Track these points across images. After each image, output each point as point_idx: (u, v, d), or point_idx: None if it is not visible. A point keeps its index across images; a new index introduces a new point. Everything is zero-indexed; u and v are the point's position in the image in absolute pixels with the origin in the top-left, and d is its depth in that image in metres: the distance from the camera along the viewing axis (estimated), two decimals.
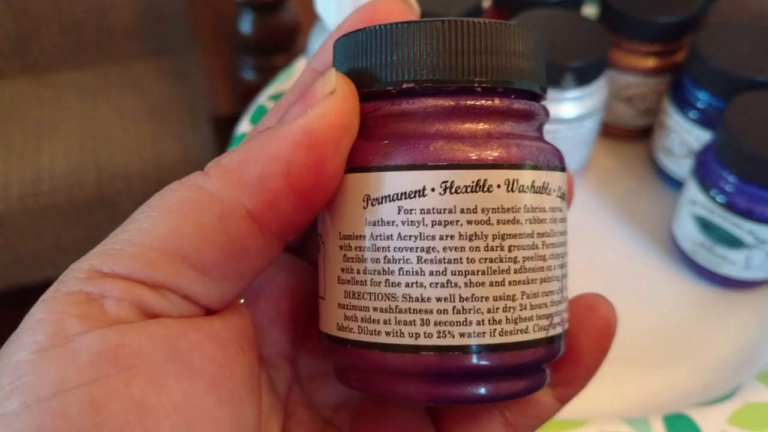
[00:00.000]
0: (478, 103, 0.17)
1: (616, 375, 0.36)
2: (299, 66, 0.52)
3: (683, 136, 0.42)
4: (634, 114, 0.46)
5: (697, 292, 0.40)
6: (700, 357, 0.37)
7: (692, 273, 0.40)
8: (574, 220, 0.43)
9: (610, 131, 0.48)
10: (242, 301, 0.19)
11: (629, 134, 0.48)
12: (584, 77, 0.40)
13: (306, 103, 0.16)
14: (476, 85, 0.16)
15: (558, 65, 0.39)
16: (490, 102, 0.17)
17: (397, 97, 0.17)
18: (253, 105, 0.49)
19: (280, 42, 0.78)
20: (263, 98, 0.49)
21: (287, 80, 0.51)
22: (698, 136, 0.41)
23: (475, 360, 0.16)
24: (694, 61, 0.40)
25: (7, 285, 0.88)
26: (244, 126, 0.47)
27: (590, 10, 0.52)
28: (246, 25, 0.75)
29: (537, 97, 0.18)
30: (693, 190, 0.38)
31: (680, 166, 0.43)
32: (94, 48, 0.92)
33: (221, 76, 0.93)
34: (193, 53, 0.95)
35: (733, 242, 0.37)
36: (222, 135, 0.87)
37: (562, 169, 0.18)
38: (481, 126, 0.17)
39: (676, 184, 0.44)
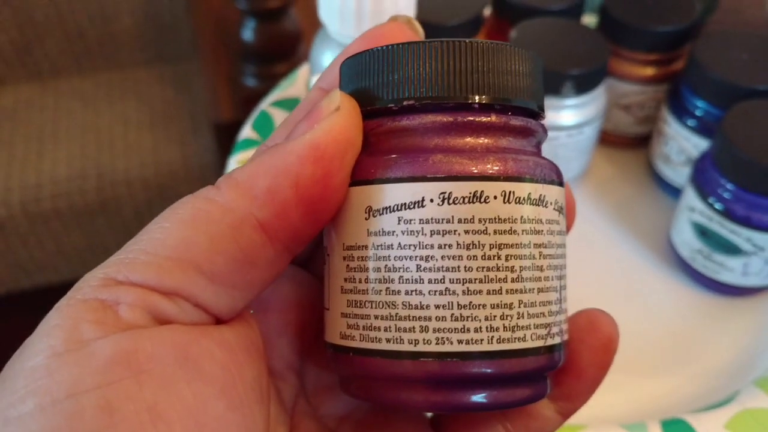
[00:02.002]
0: (475, 119, 0.17)
1: (615, 380, 0.36)
2: (301, 73, 0.52)
3: (681, 144, 0.42)
4: (633, 122, 0.47)
5: (695, 299, 0.40)
6: (698, 363, 0.37)
7: (690, 280, 0.41)
8: (573, 227, 0.44)
9: (609, 139, 0.48)
10: (252, 311, 0.19)
11: (628, 142, 0.48)
12: (583, 85, 0.40)
13: (312, 119, 0.17)
14: (473, 101, 0.17)
15: (558, 73, 0.39)
16: (487, 118, 0.17)
17: (398, 113, 0.17)
18: (255, 111, 0.49)
19: (282, 50, 0.79)
20: (265, 104, 0.50)
21: (289, 87, 0.51)
22: (696, 144, 0.41)
23: (473, 366, 0.16)
24: (693, 70, 0.41)
25: (8, 290, 0.88)
26: (246, 132, 0.48)
27: (590, 19, 0.52)
28: (248, 32, 0.76)
29: (535, 115, 0.18)
30: (691, 198, 0.38)
31: (678, 173, 0.43)
32: (97, 55, 0.93)
33: (223, 83, 0.93)
34: (195, 60, 0.95)
35: (731, 249, 0.37)
36: (223, 142, 0.87)
37: (560, 183, 0.18)
38: (478, 140, 0.17)
39: (675, 192, 0.44)
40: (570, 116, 0.41)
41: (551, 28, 0.43)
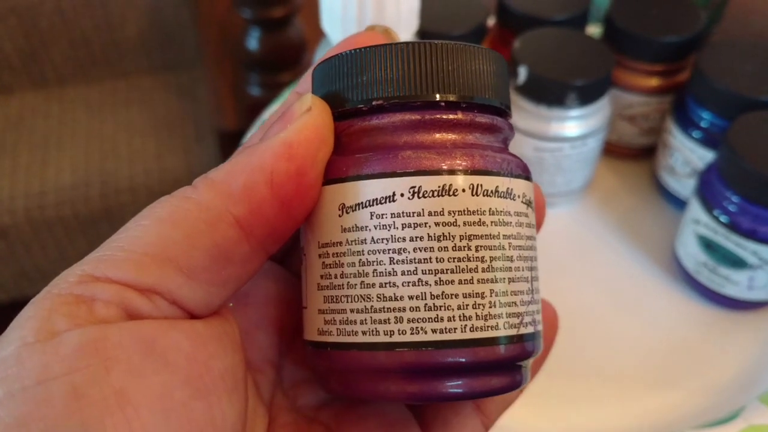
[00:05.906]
0: (442, 116, 0.18)
1: (618, 395, 0.36)
2: None
3: (686, 156, 0.42)
4: (638, 133, 0.47)
5: (700, 313, 0.40)
6: (703, 377, 0.37)
7: (695, 293, 0.40)
8: (577, 238, 0.43)
9: (614, 150, 0.48)
10: (231, 305, 0.19)
11: (632, 153, 0.48)
12: (588, 96, 0.40)
13: (285, 120, 0.18)
14: (440, 100, 0.18)
15: (562, 84, 0.39)
16: (454, 115, 0.18)
17: (368, 113, 0.18)
18: (258, 120, 0.49)
19: (287, 59, 0.79)
20: (268, 114, 0.49)
21: None
22: (701, 156, 0.41)
23: (447, 355, 0.17)
24: (698, 81, 0.40)
25: (11, 297, 0.88)
26: None
27: (594, 30, 0.52)
28: (252, 41, 0.76)
29: (501, 113, 0.19)
30: (696, 210, 0.38)
31: (683, 185, 0.43)
32: (102, 63, 0.93)
33: (227, 91, 0.94)
34: (200, 69, 0.95)
35: (736, 262, 0.37)
36: (227, 150, 0.87)
37: (527, 178, 0.19)
38: (446, 137, 0.18)
39: (680, 204, 0.44)
40: (574, 127, 0.41)
41: (555, 38, 0.42)
